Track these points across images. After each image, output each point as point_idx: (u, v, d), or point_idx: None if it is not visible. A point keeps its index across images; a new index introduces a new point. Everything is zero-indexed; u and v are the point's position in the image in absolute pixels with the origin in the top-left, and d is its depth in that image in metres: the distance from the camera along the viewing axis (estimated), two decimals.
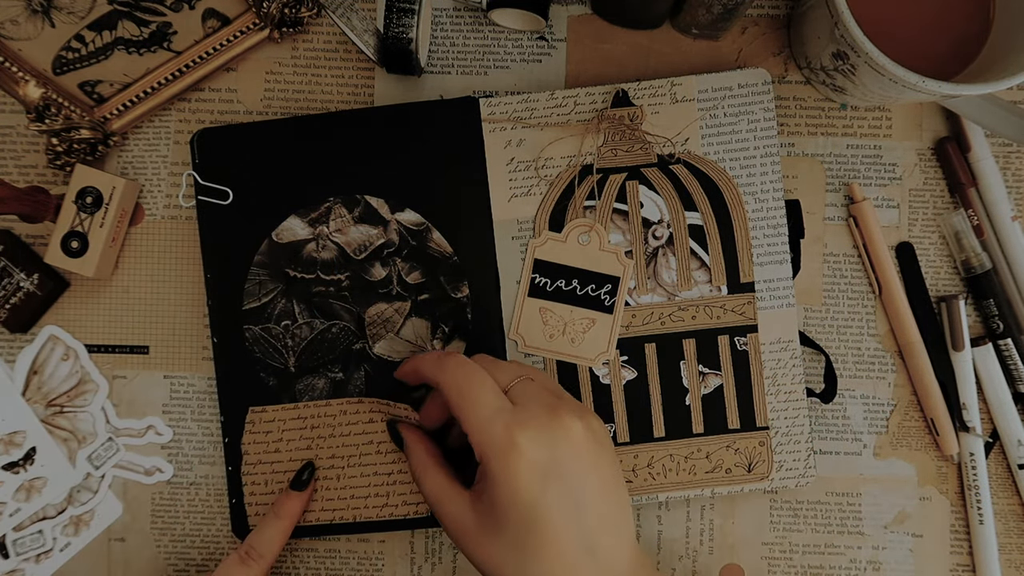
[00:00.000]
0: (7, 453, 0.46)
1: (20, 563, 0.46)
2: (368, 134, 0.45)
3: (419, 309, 0.45)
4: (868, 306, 0.47)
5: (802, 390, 0.45)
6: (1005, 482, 0.46)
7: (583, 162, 0.45)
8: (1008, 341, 0.45)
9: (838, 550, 0.46)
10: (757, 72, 0.45)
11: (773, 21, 0.47)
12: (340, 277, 0.45)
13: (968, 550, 0.46)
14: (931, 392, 0.45)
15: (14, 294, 0.45)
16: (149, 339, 0.47)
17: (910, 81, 0.37)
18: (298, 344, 0.45)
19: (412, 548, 0.47)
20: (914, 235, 0.47)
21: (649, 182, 0.45)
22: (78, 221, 0.44)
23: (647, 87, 0.45)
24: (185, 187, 0.47)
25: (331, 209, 0.45)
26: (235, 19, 0.46)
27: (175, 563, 0.47)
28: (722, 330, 0.45)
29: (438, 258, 0.45)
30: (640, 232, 0.45)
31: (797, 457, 0.45)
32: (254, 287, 0.45)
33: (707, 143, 0.45)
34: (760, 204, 0.45)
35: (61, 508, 0.46)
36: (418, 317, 0.45)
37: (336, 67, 0.47)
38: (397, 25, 0.41)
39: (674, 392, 0.45)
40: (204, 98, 0.47)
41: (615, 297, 0.45)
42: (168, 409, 0.47)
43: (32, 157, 0.47)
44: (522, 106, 0.45)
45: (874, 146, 0.47)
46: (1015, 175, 0.47)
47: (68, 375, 0.47)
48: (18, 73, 0.44)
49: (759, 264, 0.45)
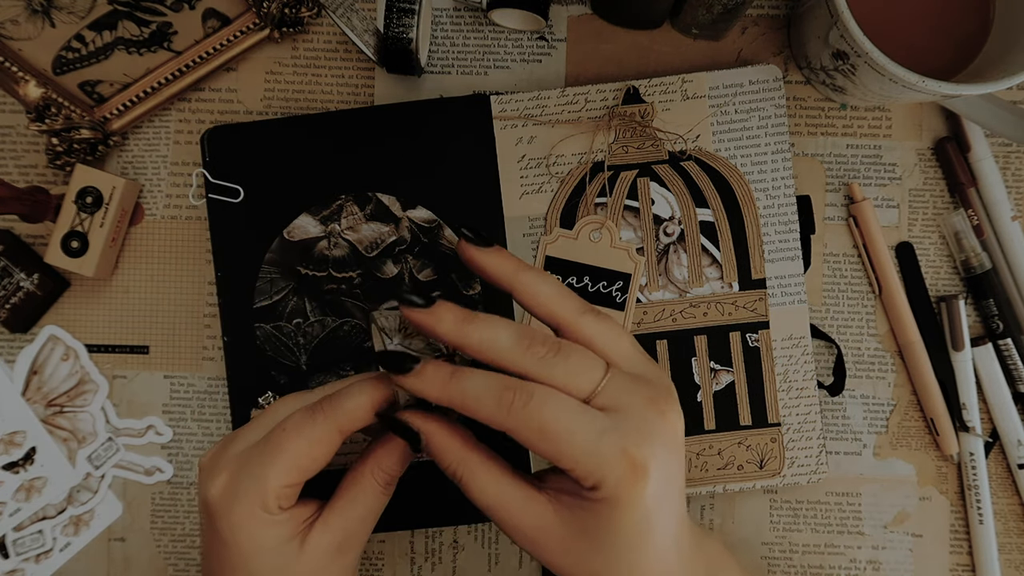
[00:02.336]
0: (7, 453, 0.46)
1: (20, 563, 0.46)
2: (379, 132, 0.45)
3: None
4: (868, 306, 0.47)
5: (814, 386, 0.45)
6: (1005, 482, 0.46)
7: (594, 159, 0.45)
8: (1008, 341, 0.45)
9: (838, 550, 0.46)
10: (768, 68, 0.45)
11: (773, 21, 0.47)
12: (352, 275, 0.45)
13: (968, 550, 0.46)
14: (931, 392, 0.45)
15: (14, 294, 0.45)
16: (149, 339, 0.47)
17: (910, 81, 0.37)
18: (310, 342, 0.45)
19: (412, 548, 0.47)
20: (914, 235, 0.47)
21: (660, 179, 0.45)
22: (78, 221, 0.44)
23: (658, 84, 0.45)
24: (195, 185, 0.47)
25: (342, 207, 0.45)
26: (235, 19, 0.46)
27: (175, 563, 0.47)
28: (733, 327, 0.45)
29: (449, 255, 0.45)
30: (651, 229, 0.45)
31: (809, 454, 0.45)
32: (265, 285, 0.45)
33: (718, 139, 0.45)
34: (771, 200, 0.45)
35: (61, 508, 0.46)
36: None
37: (336, 67, 0.47)
38: (397, 25, 0.41)
39: (686, 389, 0.45)
40: (204, 98, 0.47)
41: (626, 294, 0.45)
42: (168, 409, 0.47)
43: (32, 157, 0.47)
44: (533, 103, 0.45)
45: (874, 146, 0.47)
46: (1015, 175, 0.47)
47: (68, 375, 0.47)
48: (18, 73, 0.44)
49: (770, 260, 0.45)
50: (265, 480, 0.32)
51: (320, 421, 0.33)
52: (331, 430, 0.33)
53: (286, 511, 0.34)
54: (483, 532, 0.47)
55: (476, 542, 0.46)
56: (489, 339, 0.31)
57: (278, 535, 0.33)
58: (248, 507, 0.33)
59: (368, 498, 0.35)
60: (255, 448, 0.33)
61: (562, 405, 0.30)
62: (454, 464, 0.32)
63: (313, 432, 0.33)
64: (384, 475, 0.35)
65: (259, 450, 0.33)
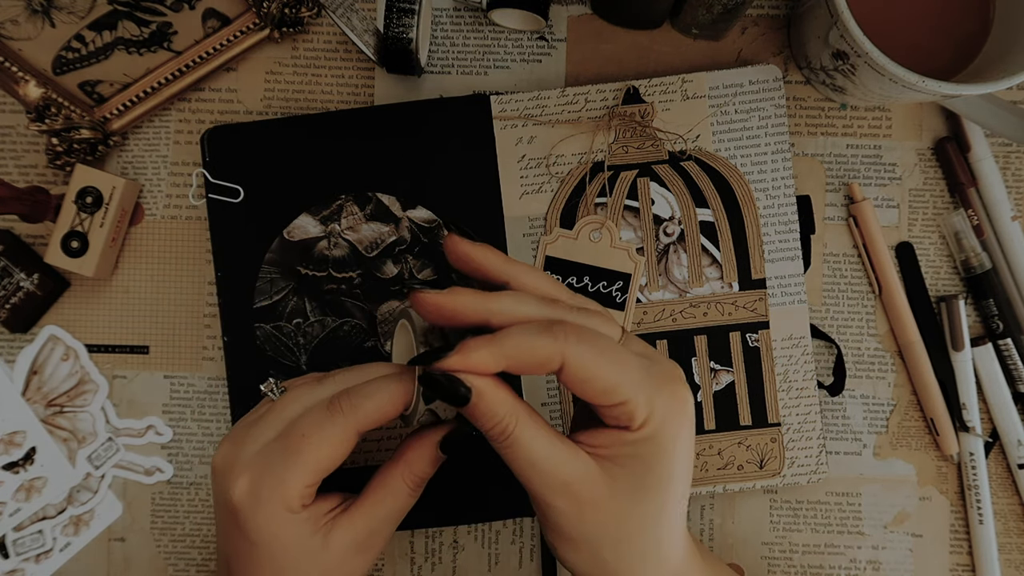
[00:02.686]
0: (7, 453, 0.46)
1: (20, 563, 0.46)
2: (379, 132, 0.45)
3: None
4: (868, 306, 0.47)
5: (814, 386, 0.45)
6: (1005, 482, 0.46)
7: (594, 159, 0.45)
8: (1008, 341, 0.45)
9: (838, 550, 0.46)
10: (768, 68, 0.45)
11: (773, 21, 0.47)
12: (352, 275, 0.45)
13: (968, 550, 0.46)
14: (931, 392, 0.45)
15: (14, 294, 0.45)
16: (149, 339, 0.47)
17: (910, 81, 0.37)
18: (309, 342, 0.45)
19: (412, 548, 0.47)
20: (914, 235, 0.47)
21: (660, 179, 0.45)
22: (78, 221, 0.44)
23: (658, 84, 0.45)
24: (195, 185, 0.47)
25: (342, 207, 0.45)
26: (235, 19, 0.46)
27: (175, 563, 0.47)
28: (733, 327, 0.45)
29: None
30: (651, 229, 0.45)
31: (809, 454, 0.45)
32: (265, 285, 0.45)
33: (718, 139, 0.45)
34: (771, 200, 0.45)
35: (61, 508, 0.46)
36: None
37: (336, 67, 0.47)
38: (397, 25, 0.41)
39: None
40: (204, 98, 0.47)
41: (626, 294, 0.45)
42: (168, 409, 0.47)
43: (32, 157, 0.47)
44: (533, 103, 0.45)
45: (874, 146, 0.47)
46: (1015, 175, 0.47)
47: (68, 375, 0.47)
48: (18, 73, 0.44)
49: (770, 260, 0.45)
50: (288, 482, 0.33)
51: (340, 423, 0.33)
52: (350, 430, 0.33)
53: (308, 508, 0.34)
54: (483, 532, 0.47)
55: (476, 542, 0.46)
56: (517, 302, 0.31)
57: (302, 532, 0.34)
58: (273, 508, 0.33)
59: (396, 500, 0.35)
60: (274, 449, 0.33)
61: (609, 339, 0.30)
62: (506, 418, 0.30)
63: (333, 434, 0.33)
64: (414, 478, 0.35)
65: (280, 452, 0.33)
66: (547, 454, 0.30)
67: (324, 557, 0.34)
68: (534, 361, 0.29)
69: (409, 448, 0.35)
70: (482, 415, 0.30)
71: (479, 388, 0.30)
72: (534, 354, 0.29)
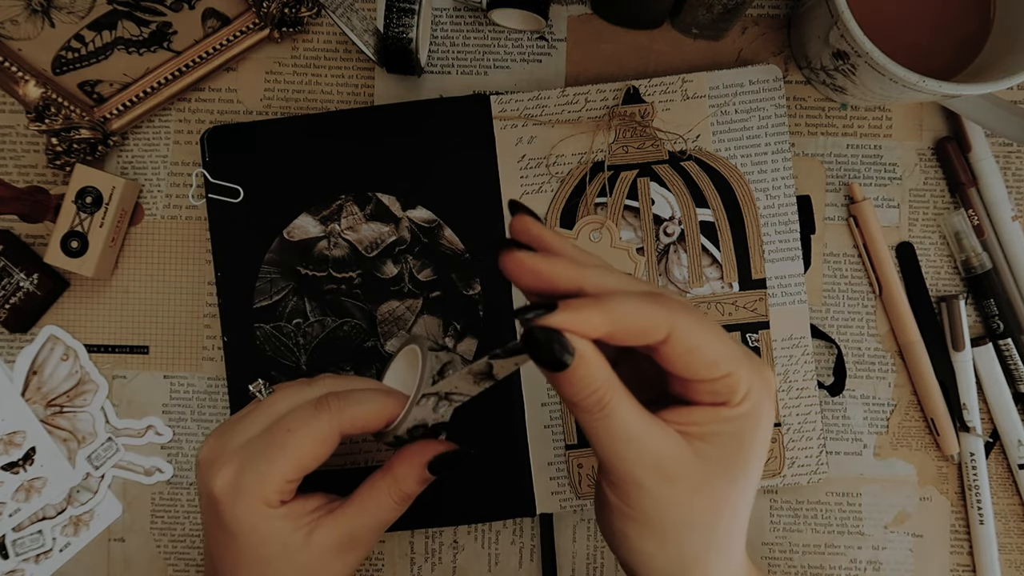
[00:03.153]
0: (7, 453, 0.46)
1: (20, 563, 0.46)
2: (379, 132, 0.45)
3: (431, 307, 0.45)
4: (868, 306, 0.47)
5: (814, 387, 0.45)
6: (1005, 482, 0.46)
7: (594, 159, 0.45)
8: (1008, 341, 0.45)
9: (838, 550, 0.46)
10: (768, 68, 0.45)
11: (773, 21, 0.47)
12: (352, 275, 0.45)
13: (968, 550, 0.46)
14: (931, 392, 0.45)
15: (14, 294, 0.45)
16: (149, 339, 0.47)
17: (910, 81, 0.37)
18: (309, 342, 0.45)
19: (412, 548, 0.47)
20: (914, 235, 0.47)
21: (660, 179, 0.45)
22: (78, 221, 0.44)
23: (658, 84, 0.45)
24: (195, 185, 0.47)
25: (342, 207, 0.45)
26: (235, 19, 0.46)
27: (175, 563, 0.47)
28: (734, 327, 0.45)
29: (449, 255, 0.45)
30: (651, 229, 0.45)
31: (809, 454, 0.45)
32: (265, 285, 0.45)
33: (718, 139, 0.45)
34: (771, 200, 0.45)
35: (61, 508, 0.46)
36: (430, 315, 0.45)
37: (336, 67, 0.47)
38: (397, 25, 0.41)
39: None
40: (204, 98, 0.47)
41: None
42: (168, 409, 0.47)
43: (32, 157, 0.47)
44: (533, 103, 0.45)
45: (874, 146, 0.47)
46: (1015, 175, 0.47)
47: (68, 375, 0.47)
48: (18, 73, 0.44)
49: (770, 261, 0.45)
50: (269, 476, 0.33)
51: (326, 420, 0.33)
52: (334, 429, 0.33)
53: (286, 505, 0.34)
54: (483, 532, 0.47)
55: (476, 542, 0.46)
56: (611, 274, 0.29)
57: (282, 527, 0.34)
58: (251, 501, 0.33)
59: (380, 511, 0.36)
60: (258, 443, 0.34)
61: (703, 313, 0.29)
62: (603, 388, 0.27)
63: (319, 429, 0.33)
64: (400, 494, 0.35)
65: (263, 445, 0.34)
66: (644, 428, 0.28)
67: (304, 555, 0.34)
68: (640, 327, 0.27)
69: (398, 463, 0.35)
70: (579, 381, 0.27)
71: (582, 351, 0.26)
72: (642, 320, 0.27)
